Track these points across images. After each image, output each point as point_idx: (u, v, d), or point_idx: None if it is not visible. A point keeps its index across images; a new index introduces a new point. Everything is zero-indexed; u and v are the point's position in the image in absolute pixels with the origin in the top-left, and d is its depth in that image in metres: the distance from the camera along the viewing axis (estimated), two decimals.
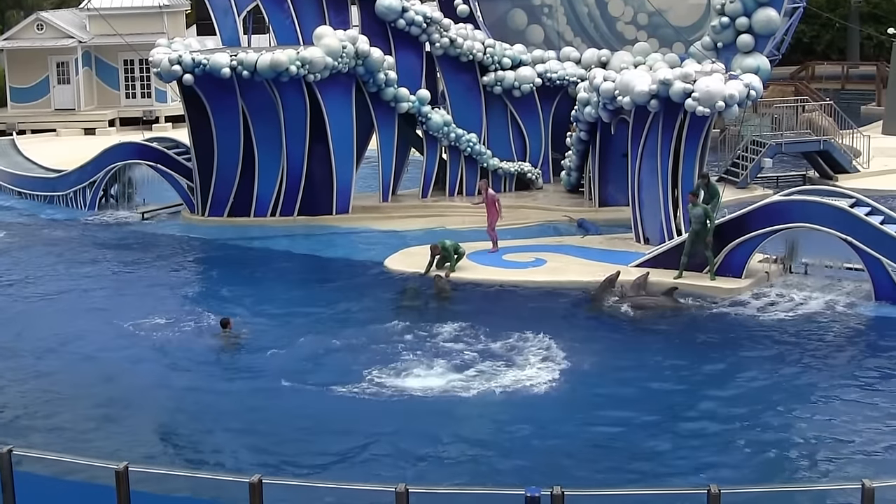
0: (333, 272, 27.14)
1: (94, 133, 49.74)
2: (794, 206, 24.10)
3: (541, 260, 26.55)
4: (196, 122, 31.97)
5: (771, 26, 29.26)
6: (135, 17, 50.65)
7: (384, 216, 32.27)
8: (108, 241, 30.77)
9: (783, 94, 40.94)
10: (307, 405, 18.37)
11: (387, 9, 32.11)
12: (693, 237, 24.56)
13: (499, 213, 27.76)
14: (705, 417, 17.65)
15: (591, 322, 22.81)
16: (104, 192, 34.60)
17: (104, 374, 20.01)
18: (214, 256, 29.17)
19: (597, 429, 17.27)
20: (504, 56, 33.15)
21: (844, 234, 23.27)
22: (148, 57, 32.91)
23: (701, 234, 24.37)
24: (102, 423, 17.83)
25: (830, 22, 55.94)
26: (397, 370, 19.52)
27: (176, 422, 18.09)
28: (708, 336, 21.60)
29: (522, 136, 33.97)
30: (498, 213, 27.71)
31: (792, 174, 37.30)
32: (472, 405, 18.16)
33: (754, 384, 19.08)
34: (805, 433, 17.00)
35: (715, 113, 26.19)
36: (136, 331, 22.23)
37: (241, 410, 18.32)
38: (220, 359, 20.90)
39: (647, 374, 19.57)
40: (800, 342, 21.10)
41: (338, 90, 31.40)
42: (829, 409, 17.89)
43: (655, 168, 27.01)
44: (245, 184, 31.96)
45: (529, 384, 18.90)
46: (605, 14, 33.82)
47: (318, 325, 22.50)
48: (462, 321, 22.21)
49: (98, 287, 25.90)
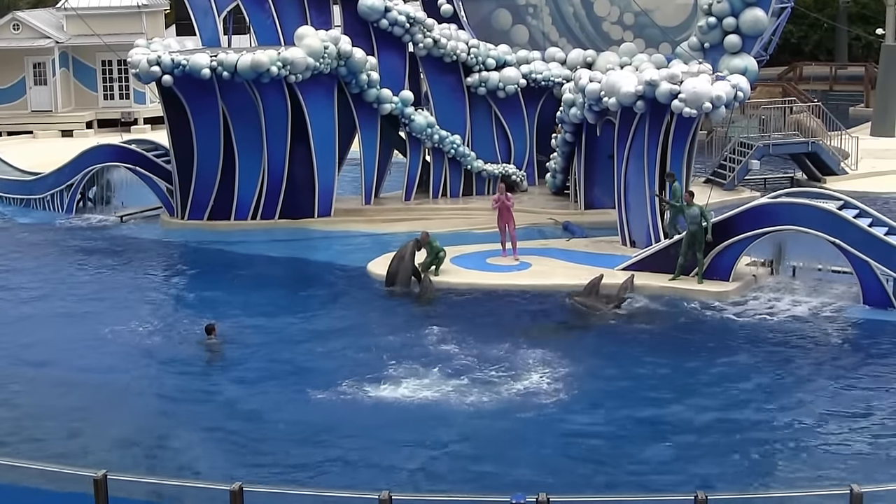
0: (315, 276, 27.13)
1: (71, 135, 49.58)
2: (781, 208, 24.19)
3: (525, 263, 26.58)
4: (175, 123, 31.91)
5: (758, 27, 29.38)
6: (113, 17, 50.52)
7: (367, 219, 32.26)
8: (86, 245, 30.67)
9: (771, 96, 41.12)
10: (289, 412, 18.37)
11: (369, 8, 32.13)
12: (689, 238, 24.62)
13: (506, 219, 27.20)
14: (694, 425, 17.64)
15: (574, 327, 22.78)
16: (82, 195, 34.52)
17: (81, 381, 19.93)
18: (194, 260, 29.10)
19: (581, 437, 17.27)
20: (488, 57, 33.20)
21: (832, 236, 23.36)
22: (126, 58, 32.83)
23: (697, 234, 24.43)
24: (80, 431, 17.77)
25: (818, 22, 56.17)
26: (380, 377, 19.49)
27: (156, 429, 18.01)
28: (695, 340, 21.63)
29: (507, 137, 34.02)
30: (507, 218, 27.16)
31: (780, 176, 37.45)
32: (459, 412, 18.15)
33: (741, 389, 19.12)
34: (793, 438, 17.07)
35: (702, 114, 26.26)
36: (115, 338, 22.17)
37: (223, 417, 18.30)
38: (202, 365, 20.86)
39: (634, 381, 19.57)
40: (787, 346, 21.18)
41: (320, 91, 31.40)
42: (817, 415, 17.94)
43: (642, 170, 27.06)
44: (225, 186, 31.91)
45: (515, 391, 18.90)
46: (591, 14, 33.90)
47: (300, 331, 22.49)
48: (445, 326, 22.22)
49: (75, 292, 25.81)
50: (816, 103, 38.72)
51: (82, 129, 50.36)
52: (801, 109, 37.01)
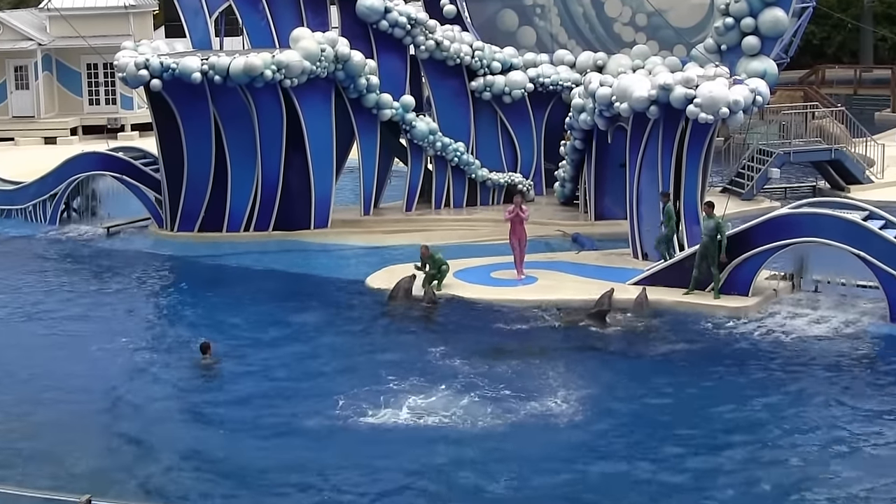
0: (312, 291, 27.10)
1: (54, 142, 49.75)
2: (803, 219, 24.19)
3: (532, 277, 26.58)
4: (164, 130, 31.97)
5: (778, 27, 29.38)
6: (98, 18, 50.67)
7: (366, 231, 32.29)
8: (71, 258, 30.75)
9: (792, 100, 41.19)
10: (284, 434, 18.35)
11: (368, 9, 32.20)
12: (702, 250, 24.61)
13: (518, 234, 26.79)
14: (714, 451, 17.50)
15: (584, 345, 22.74)
16: (66, 206, 34.57)
17: (69, 401, 19.91)
18: (184, 275, 29.09)
19: (599, 462, 17.25)
20: (494, 60, 33.26)
21: (857, 249, 23.35)
22: (113, 61, 32.86)
23: (709, 247, 24.41)
24: (68, 453, 17.74)
25: (842, 23, 56.23)
26: (378, 398, 19.45)
27: (142, 452, 17.99)
28: (710, 360, 21.56)
29: (513, 145, 34.07)
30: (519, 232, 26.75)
31: (801, 185, 37.47)
32: (461, 436, 18.12)
33: (761, 412, 19.04)
34: (816, 468, 16.91)
35: (718, 120, 26.29)
36: (104, 356, 22.19)
37: (214, 439, 18.28)
38: (192, 386, 20.84)
39: (646, 403, 19.49)
40: (810, 367, 21.10)
41: (316, 96, 31.45)
42: (842, 441, 17.79)
43: (655, 179, 27.08)
44: (217, 196, 31.96)
45: (523, 415, 18.85)
46: (602, 15, 33.98)
47: (295, 349, 22.48)
48: (448, 345, 22.21)
49: (60, 309, 25.82)
50: (840, 108, 38.74)
51: (66, 135, 50.52)
52: (823, 115, 37.07)
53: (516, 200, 27.36)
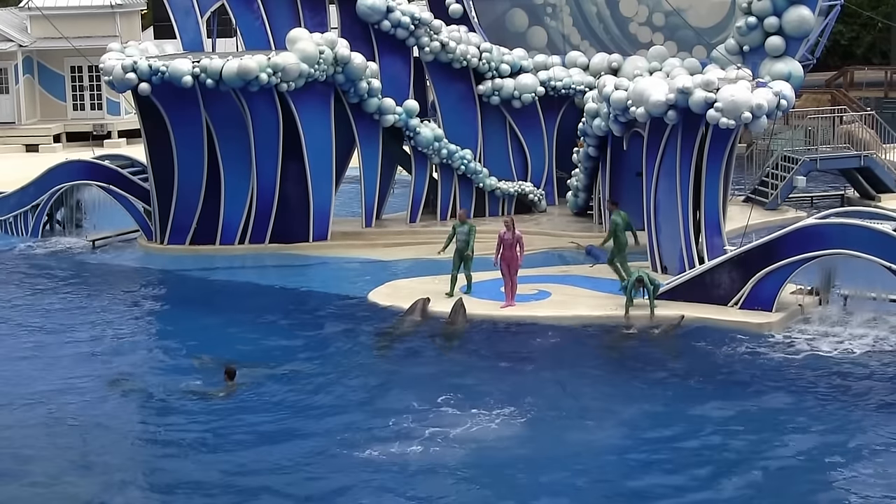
0: (310, 308, 27.14)
1: (37, 150, 49.93)
2: (830, 230, 24.25)
3: (545, 292, 26.68)
4: (154, 137, 32.07)
5: (804, 27, 29.42)
6: (83, 18, 50.93)
7: (367, 243, 32.40)
8: (54, 273, 30.74)
9: (818, 104, 41.32)
10: (280, 462, 18.37)
11: (370, 9, 32.33)
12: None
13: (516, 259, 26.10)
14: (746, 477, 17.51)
15: (601, 365, 22.84)
16: (49, 217, 34.70)
17: (57, 427, 19.94)
18: (175, 291, 29.19)
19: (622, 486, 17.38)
20: (502, 62, 33.40)
21: (889, 261, 23.43)
22: (98, 63, 33.01)
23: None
24: (57, 480, 17.86)
25: (872, 21, 56.35)
26: (385, 424, 19.52)
27: (139, 479, 18.05)
28: (732, 380, 21.60)
29: (523, 152, 34.19)
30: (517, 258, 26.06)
31: (829, 194, 37.56)
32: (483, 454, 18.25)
33: (789, 437, 19.01)
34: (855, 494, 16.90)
35: (741, 125, 26.36)
36: (91, 379, 22.21)
37: (212, 464, 18.35)
38: (186, 409, 20.80)
39: (674, 428, 19.47)
40: (840, 388, 21.07)
41: (314, 101, 31.58)
42: (879, 473, 17.66)
43: (674, 188, 27.18)
44: (210, 207, 32.07)
45: (545, 431, 19.03)
46: (617, 14, 34.11)
47: (292, 371, 22.47)
48: (456, 364, 22.32)
49: (43, 327, 25.87)
50: (869, 112, 38.80)
51: (49, 143, 50.69)
52: (852, 119, 37.14)
53: (506, 222, 26.60)
